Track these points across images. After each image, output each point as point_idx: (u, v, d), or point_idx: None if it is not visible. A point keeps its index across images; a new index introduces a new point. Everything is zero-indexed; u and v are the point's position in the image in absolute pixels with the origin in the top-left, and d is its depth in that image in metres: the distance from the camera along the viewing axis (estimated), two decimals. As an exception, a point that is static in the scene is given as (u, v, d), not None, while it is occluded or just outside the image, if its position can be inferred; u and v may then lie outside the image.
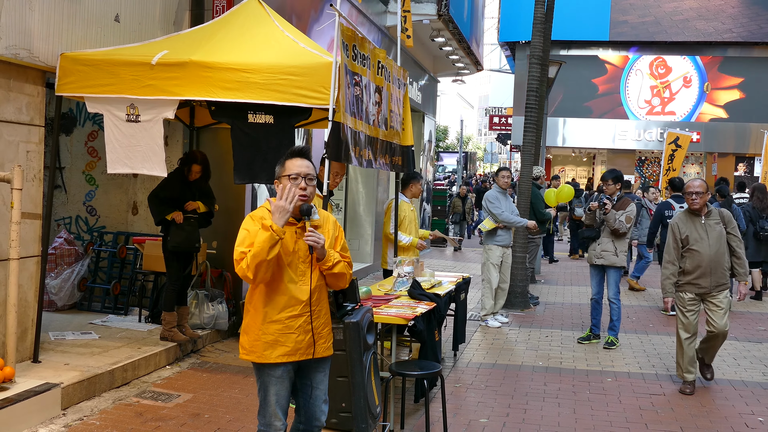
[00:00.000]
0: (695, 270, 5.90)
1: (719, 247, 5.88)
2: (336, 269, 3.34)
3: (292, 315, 3.27)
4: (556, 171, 25.23)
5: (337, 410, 4.40)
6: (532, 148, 10.16)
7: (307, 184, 3.26)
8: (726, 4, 21.46)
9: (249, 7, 5.97)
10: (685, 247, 5.94)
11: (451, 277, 6.86)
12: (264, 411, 3.36)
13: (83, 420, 4.79)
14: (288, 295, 3.27)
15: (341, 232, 3.52)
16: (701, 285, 5.90)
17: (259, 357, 3.29)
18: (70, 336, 6.30)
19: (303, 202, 3.24)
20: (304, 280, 3.29)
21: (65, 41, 5.57)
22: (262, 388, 3.36)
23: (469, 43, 15.53)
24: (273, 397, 3.32)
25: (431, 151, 18.04)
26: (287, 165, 3.29)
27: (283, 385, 3.33)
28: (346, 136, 5.07)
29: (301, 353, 3.31)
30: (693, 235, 5.92)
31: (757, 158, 21.58)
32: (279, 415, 3.33)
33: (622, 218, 7.41)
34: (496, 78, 51.30)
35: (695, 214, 5.99)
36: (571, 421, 5.26)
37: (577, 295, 11.14)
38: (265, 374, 3.33)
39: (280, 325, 3.26)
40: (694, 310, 5.99)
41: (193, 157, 6.31)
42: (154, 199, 6.21)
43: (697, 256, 5.88)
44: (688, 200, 5.99)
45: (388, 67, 6.25)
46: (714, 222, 5.96)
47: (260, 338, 3.27)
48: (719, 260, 5.88)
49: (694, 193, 5.92)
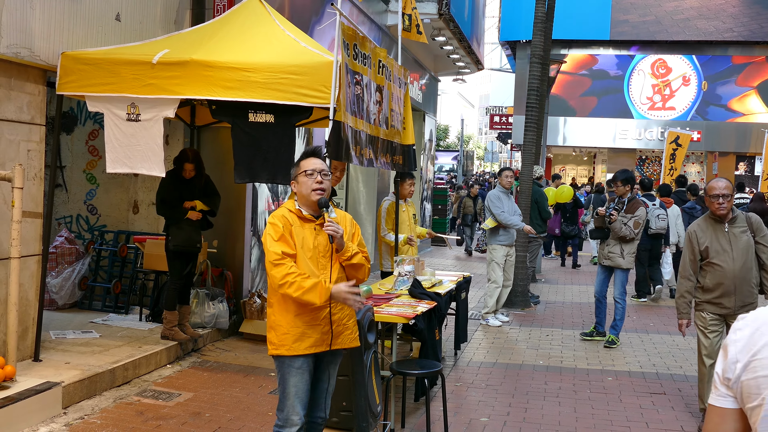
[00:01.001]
0: (717, 288, 4.95)
1: (746, 260, 4.88)
2: (355, 260, 3.47)
3: (317, 307, 3.39)
4: (556, 170, 25.20)
5: (338, 409, 4.40)
6: (532, 147, 10.16)
7: (322, 178, 3.41)
8: (727, 3, 21.44)
9: (250, 6, 5.97)
10: (705, 260, 4.98)
11: (452, 276, 6.86)
12: (282, 405, 3.45)
13: (84, 419, 4.80)
14: None
15: (358, 229, 3.65)
16: (724, 305, 4.95)
17: (289, 349, 3.39)
18: (70, 335, 6.31)
19: (320, 196, 3.40)
20: (325, 273, 3.41)
21: (66, 40, 5.57)
22: (282, 382, 3.45)
23: (470, 43, 15.53)
24: (292, 388, 3.41)
25: (432, 150, 18.02)
26: (302, 164, 3.46)
27: (303, 377, 3.42)
28: (347, 135, 5.07)
29: (326, 344, 3.44)
30: (714, 246, 4.92)
31: (757, 157, 21.56)
32: (297, 409, 3.40)
33: (630, 223, 7.28)
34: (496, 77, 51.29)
35: (717, 221, 4.95)
36: (571, 420, 5.26)
37: (577, 294, 11.14)
38: (286, 366, 3.42)
39: (307, 317, 3.39)
40: (717, 331, 5.02)
41: (184, 156, 6.32)
42: (162, 206, 6.25)
43: (719, 271, 4.91)
44: (712, 205, 4.91)
45: (389, 66, 6.25)
46: (740, 230, 4.93)
47: (290, 331, 3.39)
48: (745, 276, 4.89)
49: (720, 196, 4.84)
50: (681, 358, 7.21)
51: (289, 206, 3.48)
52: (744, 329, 1.54)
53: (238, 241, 7.59)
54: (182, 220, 6.22)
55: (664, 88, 22.31)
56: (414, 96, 13.99)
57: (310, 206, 3.44)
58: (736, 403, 1.53)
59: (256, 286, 7.88)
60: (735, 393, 1.52)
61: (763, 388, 1.46)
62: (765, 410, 1.45)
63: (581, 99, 22.62)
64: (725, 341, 1.57)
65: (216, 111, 5.63)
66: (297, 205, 3.46)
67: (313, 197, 3.39)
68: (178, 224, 6.23)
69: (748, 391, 1.49)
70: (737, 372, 1.51)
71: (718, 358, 1.59)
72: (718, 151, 22.35)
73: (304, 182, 3.40)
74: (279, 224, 3.37)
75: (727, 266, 4.89)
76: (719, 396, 1.55)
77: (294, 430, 3.40)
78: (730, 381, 1.52)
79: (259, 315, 7.24)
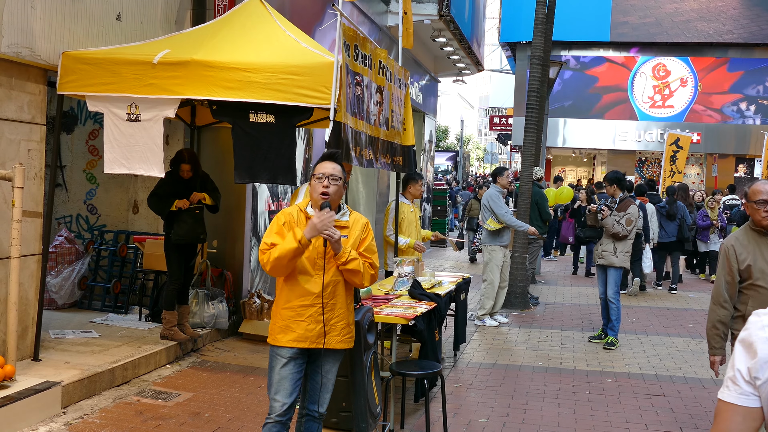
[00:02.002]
0: None
1: None
2: (351, 265, 3.49)
3: (304, 304, 3.49)
4: (556, 171, 25.23)
5: (337, 409, 4.40)
6: (532, 149, 10.17)
7: (330, 183, 3.50)
8: (727, 5, 21.47)
9: (250, 6, 5.97)
10: (746, 281, 3.97)
11: (452, 277, 6.87)
12: (269, 390, 3.57)
13: (83, 418, 4.80)
14: (302, 285, 3.50)
15: (370, 234, 3.67)
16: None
17: (273, 339, 3.55)
18: (70, 334, 6.31)
19: (324, 200, 3.47)
20: (319, 274, 3.49)
21: (67, 40, 5.57)
22: (270, 369, 3.58)
23: (470, 44, 15.53)
24: (276, 376, 3.53)
25: (432, 151, 18.03)
26: (316, 167, 3.56)
27: (287, 368, 3.51)
28: (347, 136, 5.07)
29: (310, 341, 3.50)
30: (759, 264, 3.91)
31: (757, 159, 21.58)
32: (278, 396, 3.50)
33: (623, 221, 7.34)
34: (496, 78, 51.32)
35: (762, 234, 3.93)
36: (570, 422, 5.27)
37: (576, 295, 11.14)
38: (273, 354, 3.57)
39: (292, 312, 3.51)
40: None
41: (180, 157, 6.31)
42: (153, 198, 6.24)
43: (765, 295, 3.90)
44: (757, 213, 3.87)
45: (390, 67, 6.26)
46: None
47: (276, 322, 3.55)
48: None
49: (767, 202, 3.83)
50: (680, 360, 7.21)
51: (301, 205, 3.60)
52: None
53: (238, 241, 7.60)
54: (168, 213, 6.21)
55: (664, 89, 22.42)
56: (414, 97, 14.00)
57: (316, 205, 3.55)
58: (759, 402, 1.45)
59: (255, 287, 7.88)
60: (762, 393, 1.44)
61: None
62: None
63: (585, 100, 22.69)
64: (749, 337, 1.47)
65: (216, 111, 5.63)
66: (310, 206, 3.56)
67: (318, 200, 3.51)
68: (180, 217, 6.23)
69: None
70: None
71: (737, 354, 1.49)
72: (718, 153, 22.38)
73: (314, 185, 3.52)
74: (282, 219, 3.52)
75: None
76: (741, 394, 1.46)
77: (274, 416, 3.49)
78: (758, 380, 1.43)
79: (259, 315, 7.25)
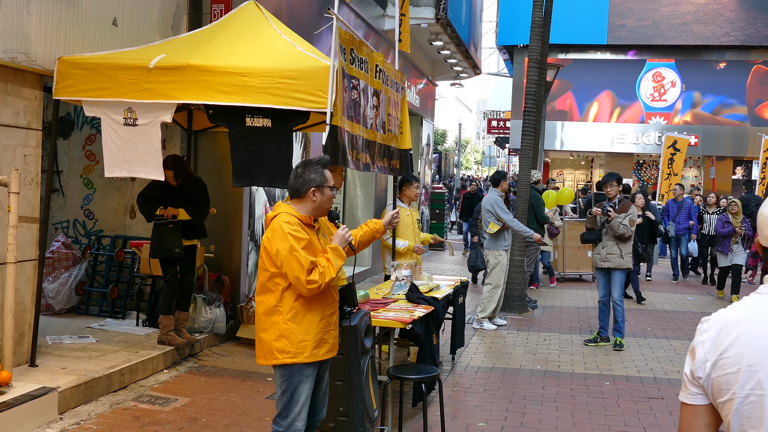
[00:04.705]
0: None
1: None
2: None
3: (331, 312, 3.51)
4: (554, 174, 25.23)
5: (335, 414, 4.38)
6: (530, 152, 10.17)
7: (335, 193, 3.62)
8: (724, 8, 21.51)
9: (247, 10, 5.98)
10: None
11: (449, 280, 6.86)
12: (287, 413, 3.41)
13: (80, 424, 4.78)
14: (332, 294, 3.52)
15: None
16: None
17: (309, 357, 3.39)
18: (67, 340, 6.29)
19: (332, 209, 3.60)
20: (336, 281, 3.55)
21: (63, 45, 5.56)
22: (290, 390, 3.41)
23: (467, 47, 15.55)
24: (302, 396, 3.41)
25: (429, 154, 18.04)
26: (327, 176, 3.51)
27: (312, 384, 3.46)
28: (344, 140, 5.07)
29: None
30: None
31: (755, 161, 21.61)
32: (303, 416, 3.41)
33: (626, 222, 7.37)
34: (494, 81, 51.35)
35: None
36: (569, 425, 5.26)
37: (575, 298, 11.13)
38: (296, 375, 3.40)
39: (324, 323, 3.45)
40: None
41: (164, 164, 6.21)
42: (140, 198, 6.29)
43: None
44: None
45: (386, 71, 6.26)
46: None
47: (307, 338, 3.39)
48: None
49: None
50: (679, 363, 7.20)
51: (293, 213, 3.42)
52: (709, 330, 1.65)
53: (235, 245, 7.58)
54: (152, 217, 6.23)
55: (660, 89, 22.70)
56: (411, 100, 14.01)
57: (321, 214, 3.55)
58: (706, 400, 1.65)
59: (253, 291, 7.87)
60: (705, 390, 1.65)
61: (732, 383, 1.58)
62: (736, 404, 1.58)
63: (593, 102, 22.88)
64: (692, 344, 1.69)
65: (213, 115, 5.62)
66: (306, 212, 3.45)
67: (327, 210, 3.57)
68: (159, 230, 6.22)
69: (718, 387, 1.61)
70: (707, 370, 1.63)
71: (686, 361, 1.71)
72: (716, 155, 22.41)
73: (328, 195, 3.49)
74: (304, 236, 3.36)
75: None
76: (690, 395, 1.68)
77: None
78: (700, 379, 1.65)
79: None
